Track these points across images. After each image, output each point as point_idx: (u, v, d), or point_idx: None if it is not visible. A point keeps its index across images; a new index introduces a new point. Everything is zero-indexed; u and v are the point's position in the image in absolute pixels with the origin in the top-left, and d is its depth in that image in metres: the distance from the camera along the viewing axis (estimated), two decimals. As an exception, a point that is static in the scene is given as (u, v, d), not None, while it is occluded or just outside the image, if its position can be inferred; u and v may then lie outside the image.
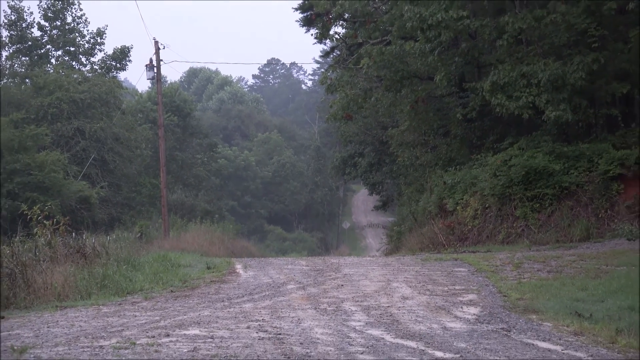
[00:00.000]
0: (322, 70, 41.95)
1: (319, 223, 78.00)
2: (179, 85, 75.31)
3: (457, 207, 22.72)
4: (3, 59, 48.32)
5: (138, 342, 8.28)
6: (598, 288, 12.22)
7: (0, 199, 30.76)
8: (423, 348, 8.16)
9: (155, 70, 34.22)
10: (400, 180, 33.04)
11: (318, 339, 8.67)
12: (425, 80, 26.78)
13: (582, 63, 21.01)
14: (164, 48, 34.25)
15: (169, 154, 44.78)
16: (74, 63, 49.88)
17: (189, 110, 62.13)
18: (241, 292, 13.27)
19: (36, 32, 49.49)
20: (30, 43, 48.92)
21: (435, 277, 14.64)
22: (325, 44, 35.02)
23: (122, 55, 50.85)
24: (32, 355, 7.54)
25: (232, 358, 7.47)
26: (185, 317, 10.42)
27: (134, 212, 41.64)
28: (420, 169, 28.36)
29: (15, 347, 7.92)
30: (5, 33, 48.31)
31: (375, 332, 9.16)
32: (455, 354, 7.86)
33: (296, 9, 33.68)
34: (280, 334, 8.93)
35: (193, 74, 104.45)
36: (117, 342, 8.30)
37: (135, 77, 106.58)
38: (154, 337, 8.69)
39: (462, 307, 11.26)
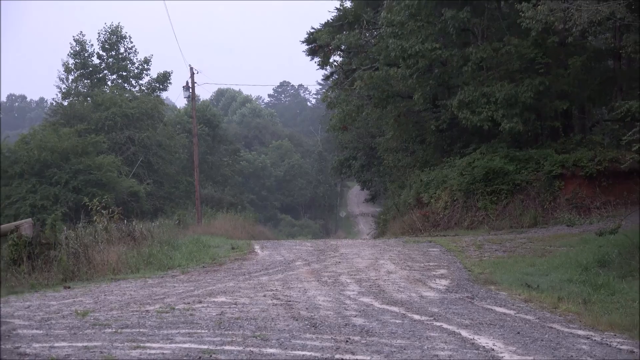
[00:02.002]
0: (324, 90, 41.80)
1: (321, 212, 77.88)
2: (209, 103, 75.07)
3: (431, 200, 22.72)
4: (70, 82, 48.51)
5: (176, 307, 8.32)
6: (543, 264, 12.27)
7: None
8: (404, 312, 8.20)
9: (190, 91, 34.28)
10: (385, 179, 33.00)
11: (320, 305, 8.71)
12: (405, 99, 26.77)
13: (531, 85, 21.05)
14: (197, 73, 34.29)
15: (201, 157, 44.71)
16: (125, 85, 49.85)
17: (217, 122, 62.17)
18: (259, 267, 13.32)
19: (96, 60, 49.53)
20: (91, 69, 48.93)
21: (414, 255, 14.68)
22: (326, 70, 34.91)
23: (164, 79, 50.86)
24: (92, 318, 7.57)
25: (251, 320, 7.50)
26: (214, 287, 10.46)
27: (173, 204, 41.61)
28: (401, 170, 28.35)
29: (78, 311, 7.97)
30: (71, 61, 48.52)
31: (366, 300, 9.20)
32: (429, 316, 7.90)
33: (303, 42, 33.60)
34: (290, 301, 8.97)
35: (221, 94, 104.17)
36: (160, 307, 8.34)
37: (175, 96, 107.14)
38: (189, 303, 8.73)
39: (435, 280, 11.30)
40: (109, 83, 49.26)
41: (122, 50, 50.20)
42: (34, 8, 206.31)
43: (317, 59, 32.97)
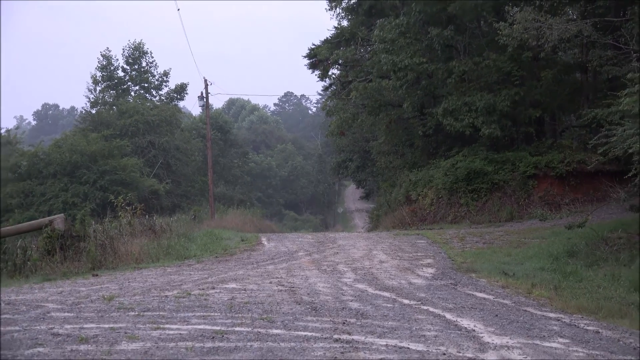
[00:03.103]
0: (323, 100, 41.75)
1: (320, 208, 77.75)
2: (222, 111, 74.97)
3: (419, 197, 22.72)
4: (97, 92, 48.53)
5: (192, 293, 8.32)
6: (519, 255, 12.26)
7: None
8: (395, 297, 8.20)
9: (204, 100, 34.23)
10: (378, 178, 33.02)
11: (320, 291, 8.71)
12: (396, 107, 26.76)
13: (508, 95, 21.06)
14: (211, 84, 34.22)
15: (214, 159, 44.66)
16: (147, 95, 49.81)
17: (229, 128, 62.13)
18: (265, 257, 13.30)
19: (120, 73, 49.46)
20: (116, 81, 48.91)
21: (403, 247, 14.66)
22: (325, 81, 34.85)
23: (181, 89, 50.81)
24: (117, 302, 7.58)
25: (259, 304, 7.50)
26: (225, 275, 10.46)
27: (190, 201, 41.60)
28: (392, 170, 28.34)
29: (105, 296, 7.97)
30: (99, 74, 48.52)
31: (361, 286, 9.19)
32: (417, 301, 7.89)
33: (305, 56, 33.57)
34: (293, 287, 8.97)
35: (231, 103, 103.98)
36: (178, 293, 8.34)
37: (191, 105, 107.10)
38: (203, 289, 8.73)
39: (422, 268, 11.28)
40: (132, 93, 49.30)
41: (144, 64, 50.22)
42: (65, 27, 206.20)
43: (317, 72, 32.99)
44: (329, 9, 32.77)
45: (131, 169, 34.27)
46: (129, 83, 49.75)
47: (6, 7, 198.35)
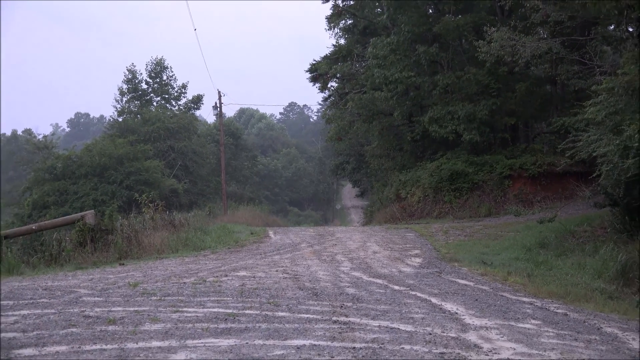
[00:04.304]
0: (323, 109, 41.72)
1: (321, 205, 77.64)
2: (233, 119, 74.98)
3: (408, 195, 22.72)
4: (123, 102, 48.55)
5: (207, 280, 8.31)
6: (496, 246, 12.26)
7: None
8: (386, 283, 8.19)
9: (218, 110, 34.24)
10: (372, 178, 32.98)
11: (320, 278, 8.70)
12: (387, 116, 26.76)
13: (486, 105, 21.07)
14: (224, 95, 34.51)
15: (227, 162, 44.60)
16: (167, 105, 49.84)
17: (239, 134, 61.97)
18: (272, 248, 13.30)
19: (144, 86, 49.50)
20: (140, 92, 48.94)
21: (394, 239, 14.65)
22: (325, 93, 34.87)
23: (197, 100, 50.79)
24: (141, 288, 7.57)
25: (266, 290, 7.49)
26: (237, 264, 10.45)
27: (205, 198, 41.56)
28: (384, 171, 28.33)
29: (130, 283, 7.96)
30: (125, 86, 48.54)
31: (356, 274, 9.19)
32: (406, 287, 7.89)
33: (307, 71, 33.51)
34: (296, 275, 8.96)
35: (242, 112, 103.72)
36: (195, 280, 8.33)
37: (206, 113, 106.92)
38: (217, 276, 8.72)
39: (410, 258, 11.28)
40: (154, 103, 49.30)
41: (164, 77, 50.21)
42: (94, 45, 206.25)
43: (318, 85, 32.95)
44: (328, 29, 32.80)
45: (153, 170, 34.29)
46: (151, 94, 49.79)
47: (49, 32, 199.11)
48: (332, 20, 31.61)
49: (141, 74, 49.39)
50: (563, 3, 15.62)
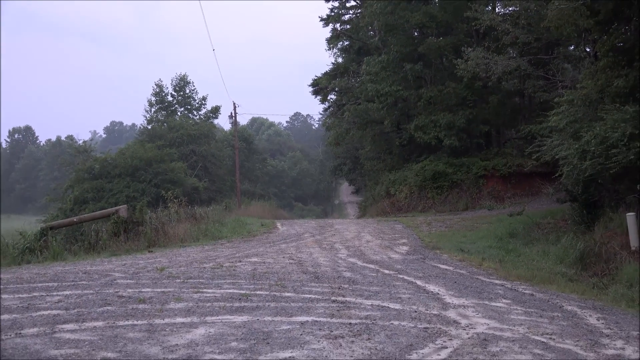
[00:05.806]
0: (324, 118, 41.73)
1: (321, 201, 77.53)
2: (246, 126, 75.04)
3: (396, 192, 22.68)
4: (152, 112, 48.55)
5: (224, 265, 8.32)
6: (472, 236, 12.24)
7: None
8: (378, 268, 8.18)
9: (233, 119, 34.23)
10: (365, 178, 32.89)
11: (321, 263, 8.70)
12: (379, 124, 26.70)
13: (464, 114, 21.02)
14: (238, 106, 34.61)
15: (241, 164, 44.56)
16: (189, 114, 49.80)
17: (251, 140, 62.02)
18: (279, 238, 13.28)
19: (170, 98, 49.47)
20: (166, 104, 48.87)
21: (384, 230, 14.64)
22: (325, 104, 34.85)
23: (215, 110, 50.59)
24: (167, 272, 7.58)
25: (274, 274, 7.49)
26: (249, 251, 10.44)
27: (222, 195, 41.38)
28: (376, 172, 28.26)
29: (158, 268, 7.97)
30: (153, 98, 48.49)
31: (352, 260, 9.18)
32: (395, 271, 7.88)
33: (309, 85, 33.52)
34: (300, 261, 8.96)
35: (254, 120, 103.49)
36: (213, 265, 8.34)
37: (223, 122, 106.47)
38: (233, 262, 8.72)
39: (398, 246, 11.26)
40: (178, 113, 49.24)
41: (187, 91, 50.17)
42: (128, 62, 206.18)
43: (319, 97, 33.00)
44: (328, 49, 32.93)
45: (177, 170, 34.26)
46: (176, 105, 49.72)
47: (87, 52, 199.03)
48: (332, 41, 31.66)
49: (167, 88, 49.39)
50: (530, 27, 15.63)
